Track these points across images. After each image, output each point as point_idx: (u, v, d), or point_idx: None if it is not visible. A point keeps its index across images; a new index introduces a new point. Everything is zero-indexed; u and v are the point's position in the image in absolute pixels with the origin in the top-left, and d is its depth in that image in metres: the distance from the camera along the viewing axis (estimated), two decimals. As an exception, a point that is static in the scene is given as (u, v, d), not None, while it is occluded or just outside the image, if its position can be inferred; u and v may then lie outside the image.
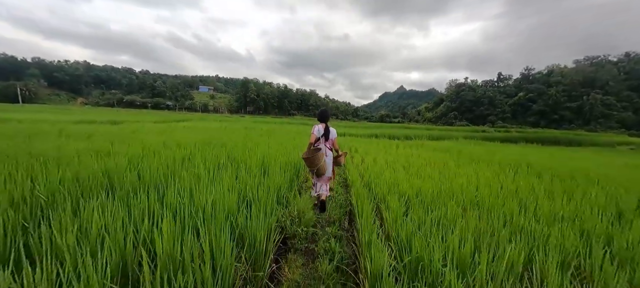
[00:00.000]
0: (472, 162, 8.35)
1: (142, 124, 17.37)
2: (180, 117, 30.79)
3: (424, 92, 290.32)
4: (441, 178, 5.54)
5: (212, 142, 7.23)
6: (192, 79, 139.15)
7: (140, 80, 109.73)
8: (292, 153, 6.55)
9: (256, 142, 8.40)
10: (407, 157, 8.85)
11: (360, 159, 7.77)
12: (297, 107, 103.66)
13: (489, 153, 10.24)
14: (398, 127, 32.25)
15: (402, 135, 17.70)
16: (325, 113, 4.15)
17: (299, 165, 5.81)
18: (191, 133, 10.39)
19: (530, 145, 16.03)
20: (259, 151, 6.18)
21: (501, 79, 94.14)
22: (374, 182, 4.74)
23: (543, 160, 9.05)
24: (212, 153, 5.27)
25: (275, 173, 4.23)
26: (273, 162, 5.04)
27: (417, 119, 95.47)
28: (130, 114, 36.63)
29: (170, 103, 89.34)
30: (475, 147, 12.51)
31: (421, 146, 12.59)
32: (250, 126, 18.19)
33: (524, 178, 5.80)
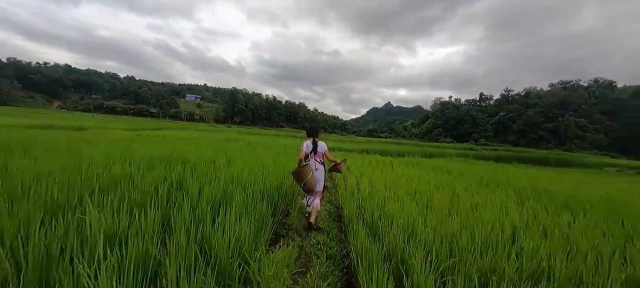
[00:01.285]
0: (481, 186, 7.24)
1: (109, 131, 15.48)
2: (159, 125, 28.70)
3: (410, 109, 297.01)
4: (458, 211, 4.33)
5: (172, 158, 5.73)
6: (179, 87, 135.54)
7: (123, 85, 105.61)
8: (274, 174, 5.17)
9: (231, 157, 6.96)
10: (407, 178, 7.65)
11: (354, 182, 6.48)
12: (286, 119, 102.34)
13: (493, 175, 9.24)
14: (388, 142, 31.47)
15: (393, 151, 16.67)
16: (314, 128, 4.14)
17: (283, 190, 4.44)
18: (155, 145, 8.80)
19: (524, 165, 15.41)
20: (229, 171, 4.77)
21: (483, 99, 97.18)
22: (379, 221, 3.44)
23: (555, 185, 8.10)
24: (156, 175, 3.80)
25: (239, 210, 2.84)
26: (241, 190, 3.64)
27: (404, 135, 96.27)
28: (104, 120, 34.06)
29: (154, 110, 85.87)
30: (473, 167, 11.57)
31: (416, 164, 11.50)
32: (233, 137, 16.64)
33: (553, 214, 4.68)
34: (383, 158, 13.52)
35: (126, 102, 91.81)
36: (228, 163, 5.98)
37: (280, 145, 13.12)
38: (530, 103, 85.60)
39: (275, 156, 8.19)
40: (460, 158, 15.14)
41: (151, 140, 11.11)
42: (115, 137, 10.40)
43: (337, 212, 5.01)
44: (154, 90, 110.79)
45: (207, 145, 9.94)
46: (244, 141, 14.72)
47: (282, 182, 4.72)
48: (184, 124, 49.07)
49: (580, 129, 75.25)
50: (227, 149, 8.90)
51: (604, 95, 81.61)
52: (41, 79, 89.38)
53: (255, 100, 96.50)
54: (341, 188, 5.65)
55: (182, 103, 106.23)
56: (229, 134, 19.91)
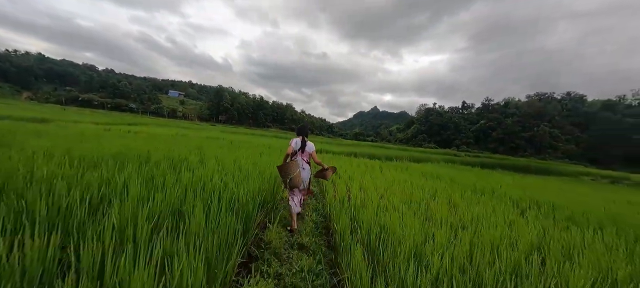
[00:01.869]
0: (475, 194, 6.81)
1: (77, 124, 14.02)
2: (136, 120, 26.92)
3: (396, 114, 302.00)
4: (462, 223, 3.80)
5: (130, 155, 4.83)
6: (162, 83, 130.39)
7: (102, 78, 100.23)
8: (252, 177, 4.42)
9: (206, 157, 6.13)
10: (399, 183, 7.11)
11: (344, 187, 5.83)
12: (273, 119, 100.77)
13: (484, 182, 8.90)
14: (375, 146, 31.25)
15: (381, 154, 16.25)
16: (304, 128, 4.17)
17: (262, 197, 3.71)
18: (121, 140, 7.79)
19: (508, 172, 15.46)
20: (197, 174, 3.98)
21: (465, 106, 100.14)
22: (377, 240, 2.80)
23: (547, 193, 7.82)
24: (93, 178, 2.95)
25: (194, 229, 2.09)
26: (205, 200, 2.89)
27: (389, 139, 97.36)
28: (76, 113, 31.69)
29: (134, 105, 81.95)
30: (462, 173, 11.28)
31: (406, 169, 11.05)
32: (214, 135, 15.61)
33: (562, 229, 4.24)
34: (371, 161, 13.03)
35: (104, 95, 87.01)
36: (202, 164, 5.16)
37: (264, 145, 12.30)
38: (509, 112, 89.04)
39: (256, 157, 7.41)
40: (447, 164, 14.93)
41: (120, 135, 9.99)
42: (77, 131, 9.22)
43: (324, 223, 4.33)
44: (135, 84, 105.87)
45: (183, 143, 8.98)
46: (225, 140, 13.76)
47: (260, 188, 3.98)
48: (164, 120, 46.80)
49: (553, 139, 79.04)
50: (204, 148, 8.02)
51: (575, 108, 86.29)
52: (10, 68, 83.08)
53: (242, 100, 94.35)
54: (329, 194, 4.98)
55: (164, 99, 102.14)
56: (211, 132, 18.79)
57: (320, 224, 4.26)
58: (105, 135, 9.28)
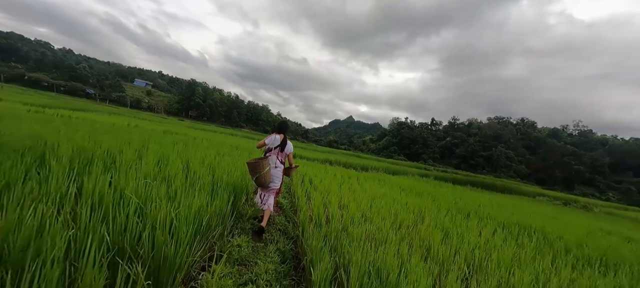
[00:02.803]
0: (461, 214, 6.18)
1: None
2: (87, 106, 23.58)
3: (369, 125, 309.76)
4: (475, 265, 2.97)
5: (32, 146, 3.36)
6: (129, 70, 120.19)
7: (57, 58, 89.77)
8: (202, 186, 3.22)
9: (149, 155, 4.75)
10: (381, 199, 6.28)
11: (320, 201, 4.80)
12: (247, 119, 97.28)
13: (464, 201, 8.44)
14: (349, 154, 30.75)
15: (356, 164, 15.58)
16: (285, 125, 3.85)
17: (206, 221, 2.54)
18: (40, 125, 6.06)
19: (478, 190, 15.64)
20: (118, 182, 2.70)
21: (434, 123, 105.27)
22: None
23: (533, 218, 7.48)
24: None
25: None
26: (93, 229, 1.68)
27: (362, 149, 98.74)
28: (10, 92, 27.22)
29: (92, 91, 74.08)
30: (440, 190, 10.89)
31: (383, 182, 10.35)
32: (176, 130, 13.77)
33: (571, 266, 3.62)
34: (347, 171, 12.22)
35: (57, 76, 77.61)
36: (136, 163, 3.82)
37: (232, 145, 10.89)
38: (472, 132, 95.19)
39: (217, 158, 6.11)
40: (422, 179, 14.67)
41: (47, 119, 8.03)
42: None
43: (293, 251, 3.25)
44: (97, 68, 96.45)
45: (129, 136, 7.36)
46: (188, 136, 12.09)
47: (207, 204, 2.81)
48: (123, 109, 42.42)
49: (508, 160, 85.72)
50: (153, 144, 6.53)
51: (528, 133, 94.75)
52: (-63, 33, 71.05)
53: (216, 96, 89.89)
54: (303, 212, 3.92)
55: (129, 88, 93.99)
56: (174, 127, 16.77)
57: (287, 254, 3.18)
58: (26, 118, 7.34)
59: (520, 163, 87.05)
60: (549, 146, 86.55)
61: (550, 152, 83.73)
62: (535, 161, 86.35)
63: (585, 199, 24.99)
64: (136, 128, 10.90)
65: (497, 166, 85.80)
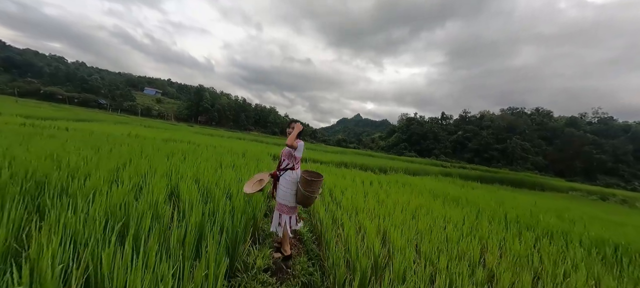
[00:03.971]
0: (511, 225, 4.85)
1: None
2: (93, 116, 23.11)
3: (378, 122, 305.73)
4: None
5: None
6: (138, 80, 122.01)
7: (69, 71, 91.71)
8: (190, 226, 2.07)
9: (132, 174, 3.66)
10: (421, 213, 5.03)
11: (352, 228, 3.57)
12: (255, 122, 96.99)
13: (514, 208, 7.05)
14: (363, 154, 29.38)
15: (374, 165, 14.27)
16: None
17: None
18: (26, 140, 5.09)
19: (511, 189, 14.08)
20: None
21: (444, 117, 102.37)
22: None
23: (610, 230, 6.03)
24: None
25: None
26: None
27: (371, 146, 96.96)
28: (23, 105, 27.17)
29: (104, 101, 75.21)
30: (473, 192, 9.50)
31: (410, 187, 9.04)
32: (179, 138, 12.83)
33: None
34: (365, 174, 10.95)
35: (70, 89, 79.22)
36: (113, 181, 2.71)
37: (238, 152, 9.80)
38: (484, 125, 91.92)
39: (219, 171, 4.97)
40: (446, 179, 13.25)
41: (30, 132, 7.10)
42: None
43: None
44: (108, 79, 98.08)
45: (121, 148, 6.34)
46: (191, 143, 11.09)
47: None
48: (132, 118, 42.35)
49: (524, 151, 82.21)
50: (144, 157, 5.47)
51: (543, 123, 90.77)
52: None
53: (223, 101, 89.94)
54: (334, 253, 2.72)
55: (139, 97, 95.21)
56: (179, 134, 15.89)
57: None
58: (4, 132, 6.42)
59: (537, 154, 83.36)
60: (567, 136, 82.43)
61: (569, 141, 79.68)
62: (553, 152, 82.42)
63: (622, 192, 22.82)
64: (134, 138, 9.96)
65: (513, 158, 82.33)
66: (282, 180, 2.89)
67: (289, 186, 2.88)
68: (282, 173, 2.91)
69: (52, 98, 71.54)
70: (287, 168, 2.92)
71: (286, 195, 2.87)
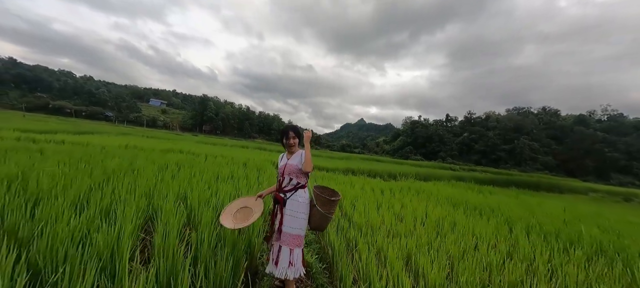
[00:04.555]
0: (551, 239, 4.11)
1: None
2: (94, 129, 22.87)
3: (382, 126, 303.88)
4: None
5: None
6: (144, 91, 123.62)
7: (77, 85, 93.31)
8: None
9: (95, 200, 3.07)
10: (445, 228, 4.34)
11: (371, 256, 2.90)
12: (259, 130, 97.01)
13: (544, 217, 6.28)
14: (369, 159, 28.59)
15: (382, 171, 13.55)
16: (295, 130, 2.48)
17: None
18: None
19: (526, 192, 13.19)
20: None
21: (449, 119, 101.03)
22: None
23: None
24: None
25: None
26: None
27: (376, 151, 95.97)
28: (29, 119, 27.23)
29: (111, 114, 76.05)
30: (493, 198, 8.72)
31: (425, 194, 8.32)
32: (181, 148, 12.33)
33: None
34: (374, 181, 10.25)
35: (78, 102, 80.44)
36: (84, 201, 2.10)
37: (239, 162, 9.21)
38: (490, 126, 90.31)
39: (214, 186, 4.36)
40: (464, 185, 12.43)
41: (16, 147, 6.62)
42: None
43: None
44: (115, 92, 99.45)
45: (105, 162, 5.79)
46: (191, 154, 10.57)
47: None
48: (136, 129, 42.37)
49: (532, 151, 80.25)
50: (128, 173, 4.91)
51: (551, 122, 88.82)
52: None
53: (227, 109, 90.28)
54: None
55: (145, 108, 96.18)
56: (180, 144, 15.42)
57: None
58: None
59: (546, 154, 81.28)
60: (576, 134, 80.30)
61: (579, 140, 77.51)
62: (562, 151, 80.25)
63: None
64: (129, 149, 9.46)
65: (521, 159, 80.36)
66: (292, 204, 2.24)
67: (303, 210, 2.26)
68: (290, 195, 2.26)
69: (61, 112, 72.62)
70: (298, 187, 2.28)
71: (300, 221, 2.24)
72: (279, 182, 2.35)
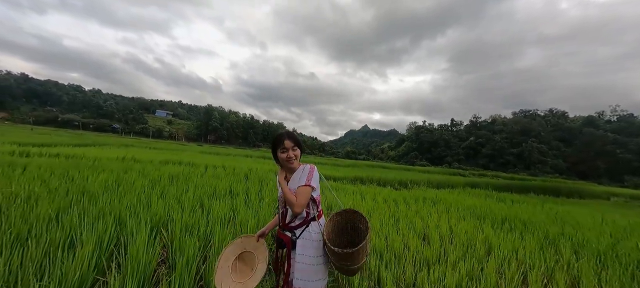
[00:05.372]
0: (608, 262, 3.32)
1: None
2: (96, 140, 22.63)
3: (386, 132, 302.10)
4: None
5: None
6: (151, 103, 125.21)
7: (86, 98, 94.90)
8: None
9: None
10: (484, 252, 3.60)
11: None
12: (263, 138, 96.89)
13: (561, 224, 5.46)
14: (377, 166, 27.77)
15: (393, 179, 12.78)
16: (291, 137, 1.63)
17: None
18: None
19: (548, 198, 12.23)
20: None
21: (454, 124, 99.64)
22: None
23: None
24: None
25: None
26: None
27: (381, 157, 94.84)
28: (31, 134, 27.24)
29: (118, 125, 76.75)
30: (520, 209, 7.89)
31: (443, 205, 7.54)
32: (180, 159, 11.78)
33: None
34: (386, 190, 9.49)
35: (87, 115, 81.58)
36: None
37: (240, 172, 8.58)
38: (496, 129, 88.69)
39: (206, 204, 3.71)
40: (483, 193, 11.57)
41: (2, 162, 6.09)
42: None
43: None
44: (122, 104, 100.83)
45: (104, 172, 5.20)
46: (190, 165, 9.99)
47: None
48: (142, 140, 42.36)
49: (541, 154, 78.24)
50: (107, 190, 4.31)
51: (559, 124, 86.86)
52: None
53: (232, 119, 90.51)
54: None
55: (151, 119, 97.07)
56: (180, 155, 14.92)
57: None
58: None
59: (555, 157, 79.14)
60: (586, 136, 78.17)
61: (589, 142, 75.35)
62: (572, 153, 78.06)
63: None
64: (124, 161, 8.92)
65: (530, 162, 78.30)
66: (305, 246, 1.49)
67: (317, 251, 1.49)
68: (301, 232, 1.51)
69: (69, 125, 73.56)
70: (309, 220, 1.52)
71: (317, 270, 1.48)
72: (282, 214, 1.59)
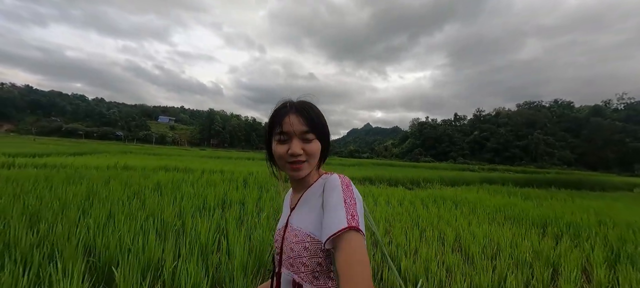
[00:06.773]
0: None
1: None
2: (95, 148, 22.03)
3: (389, 129, 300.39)
4: None
5: None
6: (153, 109, 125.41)
7: (89, 107, 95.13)
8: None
9: None
10: (535, 266, 2.76)
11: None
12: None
13: (605, 224, 4.60)
14: (384, 164, 26.89)
15: (403, 178, 11.93)
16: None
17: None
18: None
19: (576, 193, 11.26)
20: None
21: (457, 118, 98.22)
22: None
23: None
24: None
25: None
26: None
27: (385, 155, 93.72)
28: (33, 144, 26.84)
29: (121, 133, 76.67)
30: (549, 205, 7.04)
31: (465, 206, 6.70)
32: (176, 165, 11.08)
33: None
34: (399, 191, 8.67)
35: (90, 124, 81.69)
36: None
37: (239, 177, 7.81)
38: (501, 122, 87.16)
39: (187, 223, 2.93)
40: (496, 188, 10.70)
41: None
42: None
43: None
44: (125, 112, 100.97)
45: (81, 184, 4.46)
46: (187, 170, 9.27)
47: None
48: (145, 147, 41.90)
49: (548, 146, 76.60)
50: (75, 201, 3.55)
51: (564, 114, 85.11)
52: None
53: (234, 122, 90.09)
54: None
55: (154, 125, 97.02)
56: (178, 161, 14.23)
57: None
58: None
59: (562, 148, 77.42)
60: (593, 125, 76.34)
61: (597, 131, 73.54)
62: (580, 144, 76.29)
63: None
64: (108, 170, 8.22)
65: (537, 155, 76.64)
66: None
67: None
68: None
69: (73, 134, 73.61)
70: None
71: None
72: (276, 273, 0.73)
